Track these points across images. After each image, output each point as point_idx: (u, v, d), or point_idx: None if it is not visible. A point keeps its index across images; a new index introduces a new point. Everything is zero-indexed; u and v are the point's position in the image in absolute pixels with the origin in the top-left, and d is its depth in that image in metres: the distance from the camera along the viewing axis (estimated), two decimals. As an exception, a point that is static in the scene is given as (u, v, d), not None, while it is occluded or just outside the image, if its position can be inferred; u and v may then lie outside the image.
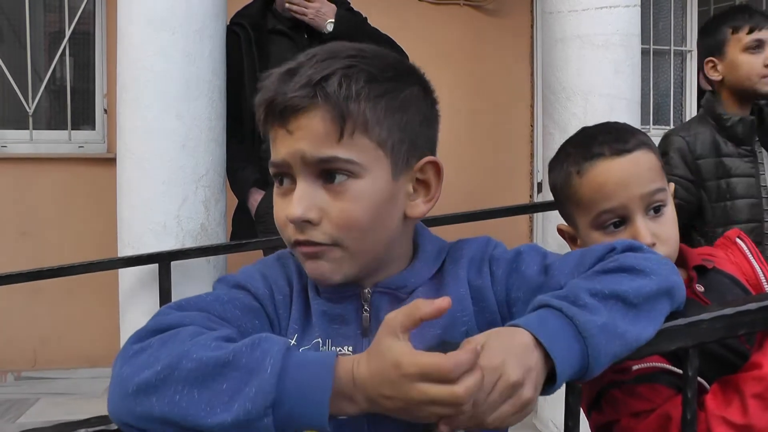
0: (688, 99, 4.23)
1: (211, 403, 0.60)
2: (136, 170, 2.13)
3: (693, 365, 0.78)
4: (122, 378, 0.64)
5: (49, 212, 3.47)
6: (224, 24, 2.27)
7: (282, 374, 0.60)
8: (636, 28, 2.47)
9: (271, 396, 0.59)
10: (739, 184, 1.82)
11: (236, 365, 0.61)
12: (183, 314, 0.71)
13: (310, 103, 0.71)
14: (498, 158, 3.84)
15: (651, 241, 0.95)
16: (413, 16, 3.73)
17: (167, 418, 0.61)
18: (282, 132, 0.73)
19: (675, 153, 1.85)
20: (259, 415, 0.59)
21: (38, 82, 3.54)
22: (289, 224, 0.74)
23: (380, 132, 0.73)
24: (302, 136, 0.72)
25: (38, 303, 3.42)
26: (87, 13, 3.58)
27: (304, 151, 0.72)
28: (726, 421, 0.81)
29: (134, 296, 2.17)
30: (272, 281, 0.81)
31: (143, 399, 0.62)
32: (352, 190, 0.73)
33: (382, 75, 0.74)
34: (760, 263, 1.02)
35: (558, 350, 0.64)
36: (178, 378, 0.61)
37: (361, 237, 0.74)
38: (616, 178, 0.97)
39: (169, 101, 2.10)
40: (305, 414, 0.60)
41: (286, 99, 0.71)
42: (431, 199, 0.80)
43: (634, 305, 0.71)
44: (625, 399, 0.88)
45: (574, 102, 2.40)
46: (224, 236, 2.27)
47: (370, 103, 0.72)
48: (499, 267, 0.81)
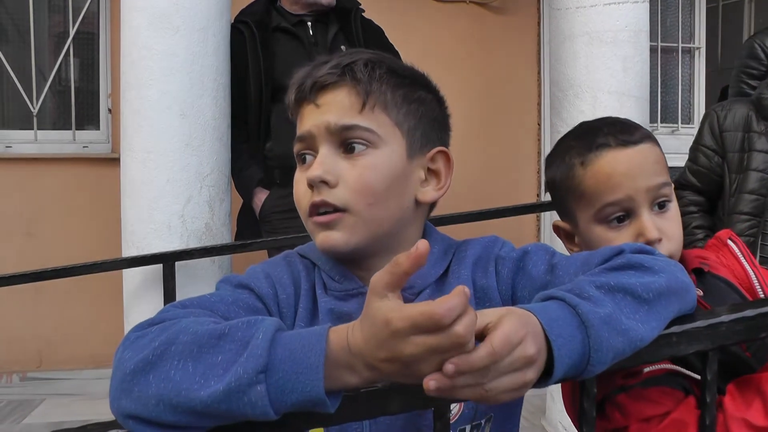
0: (696, 96, 4.19)
1: (206, 375, 0.59)
2: (140, 170, 2.11)
3: (712, 369, 0.75)
4: (122, 361, 0.63)
5: (54, 212, 3.47)
6: (228, 22, 2.25)
7: (274, 341, 0.59)
8: (645, 24, 2.44)
9: (263, 360, 0.58)
10: (757, 158, 1.95)
11: (232, 338, 0.61)
12: (186, 311, 0.70)
13: (339, 80, 0.80)
14: (505, 156, 3.82)
15: (657, 235, 0.92)
16: (420, 14, 3.71)
17: (162, 395, 0.59)
18: (310, 107, 0.81)
19: (705, 124, 2.06)
20: (250, 380, 0.57)
21: (42, 82, 3.53)
22: (307, 193, 0.79)
23: (398, 114, 0.81)
24: (329, 108, 0.80)
25: (43, 303, 3.41)
26: (91, 14, 3.58)
27: (329, 120, 0.79)
28: (747, 424, 0.78)
29: (139, 296, 2.16)
30: (276, 280, 0.81)
31: (140, 378, 0.61)
32: (370, 158, 0.79)
33: (401, 71, 0.84)
34: (753, 266, 0.99)
35: (557, 335, 0.61)
36: (174, 352, 0.61)
37: (374, 203, 0.78)
38: (623, 169, 0.94)
39: (173, 100, 2.09)
40: (299, 381, 0.58)
41: (316, 78, 0.80)
42: (442, 187, 0.85)
43: (643, 300, 0.69)
44: (633, 404, 0.84)
45: (582, 99, 2.38)
46: (229, 236, 2.25)
47: (390, 87, 0.81)
48: (505, 266, 0.81)
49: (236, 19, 2.37)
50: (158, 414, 0.60)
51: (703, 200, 2.11)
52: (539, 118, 3.89)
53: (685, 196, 2.14)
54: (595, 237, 0.96)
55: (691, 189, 2.13)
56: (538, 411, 2.75)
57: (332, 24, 2.39)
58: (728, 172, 2.01)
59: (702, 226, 2.07)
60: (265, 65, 2.30)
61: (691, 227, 2.08)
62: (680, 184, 2.16)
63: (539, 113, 3.89)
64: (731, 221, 1.97)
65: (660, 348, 0.71)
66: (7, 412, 3.04)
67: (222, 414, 0.59)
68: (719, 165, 2.04)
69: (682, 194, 2.14)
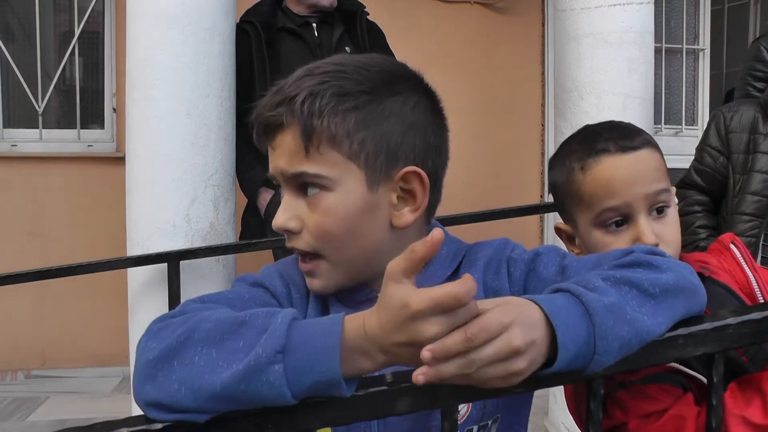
0: (701, 98, 4.19)
1: (227, 360, 0.60)
2: (145, 169, 2.12)
3: (718, 371, 0.75)
4: (145, 350, 0.64)
5: (58, 211, 3.48)
6: (234, 22, 2.26)
7: (292, 325, 0.61)
8: (650, 25, 2.44)
9: (281, 341, 0.59)
10: (761, 159, 1.96)
11: (252, 324, 0.62)
12: (205, 306, 0.72)
13: (283, 121, 0.75)
14: (509, 157, 3.82)
15: (654, 241, 0.93)
16: (424, 15, 3.71)
17: (185, 380, 0.61)
18: (269, 148, 0.79)
19: (711, 125, 2.09)
20: (269, 359, 0.59)
21: (48, 81, 3.54)
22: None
23: (351, 145, 0.75)
24: (281, 153, 0.77)
25: (47, 302, 3.42)
26: (96, 13, 3.59)
27: (282, 167, 0.77)
28: (746, 421, 0.79)
29: (143, 296, 2.16)
30: (290, 280, 0.83)
31: (165, 364, 0.62)
32: (325, 202, 0.76)
33: (357, 89, 0.76)
34: (753, 271, 0.99)
35: (560, 322, 0.61)
36: (197, 339, 0.62)
37: (338, 247, 0.77)
38: (622, 175, 0.94)
39: (179, 100, 2.09)
40: (316, 362, 0.59)
41: (264, 118, 0.77)
42: (417, 208, 0.79)
43: (650, 294, 0.69)
44: (633, 400, 0.86)
45: (587, 101, 2.38)
46: (233, 236, 2.26)
47: (337, 117, 0.74)
48: (517, 268, 0.80)
49: (242, 20, 2.38)
50: (179, 399, 0.61)
51: (707, 200, 2.12)
52: (543, 119, 3.89)
53: (690, 195, 2.15)
54: (594, 241, 0.98)
55: (695, 188, 2.14)
56: (540, 412, 2.75)
57: (337, 26, 2.39)
58: (732, 173, 2.03)
59: (705, 225, 2.08)
60: (270, 66, 2.30)
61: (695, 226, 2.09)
62: (685, 184, 2.17)
63: (543, 114, 3.89)
64: (733, 221, 1.98)
65: (666, 350, 0.71)
66: (11, 410, 3.05)
67: (241, 397, 0.60)
68: (724, 165, 2.06)
69: (687, 193, 2.16)
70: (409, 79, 0.81)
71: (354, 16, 2.41)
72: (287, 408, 0.61)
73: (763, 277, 0.98)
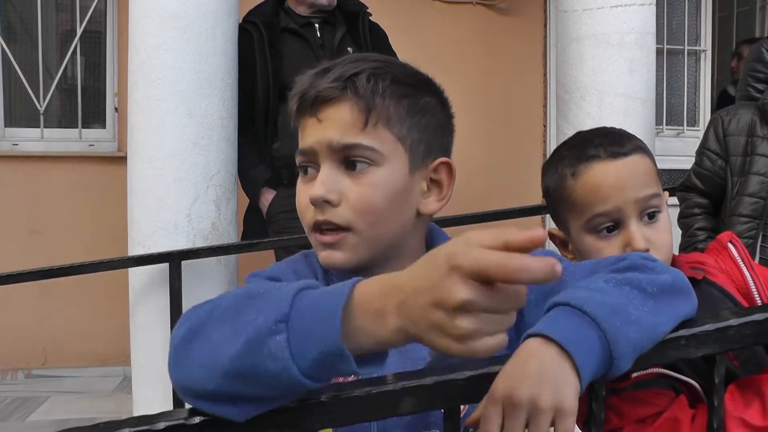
0: (702, 99, 4.19)
1: (239, 332, 0.57)
2: (147, 169, 2.12)
3: (720, 372, 0.75)
4: (174, 337, 0.64)
5: (60, 210, 3.48)
6: (236, 22, 2.26)
7: (300, 293, 0.57)
8: (651, 26, 2.45)
9: (285, 310, 0.55)
10: (759, 161, 1.98)
11: (265, 297, 0.59)
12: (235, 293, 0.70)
13: (341, 94, 0.78)
14: (510, 158, 3.82)
15: (645, 246, 0.93)
16: (426, 16, 3.71)
17: (202, 359, 0.59)
18: (312, 121, 0.79)
19: (710, 129, 2.11)
20: (270, 330, 0.55)
21: (49, 80, 3.55)
22: (309, 208, 0.79)
23: (401, 128, 0.80)
24: (330, 125, 0.78)
25: (49, 301, 3.42)
26: (98, 12, 3.59)
27: (332, 138, 0.78)
28: (745, 423, 0.79)
29: (145, 295, 2.16)
30: (302, 276, 0.82)
31: (187, 346, 0.61)
32: (372, 176, 0.78)
33: (405, 80, 0.82)
34: (751, 270, 1.00)
35: (570, 339, 0.62)
36: (215, 318, 0.61)
37: (375, 222, 0.78)
38: (612, 181, 0.95)
39: (181, 100, 2.09)
40: (318, 329, 0.54)
41: (318, 90, 0.78)
42: (443, 198, 0.84)
43: (649, 293, 0.70)
44: (627, 406, 0.86)
45: (588, 102, 2.38)
46: (235, 236, 2.26)
47: (393, 100, 0.79)
48: None
49: (244, 20, 2.38)
50: (200, 381, 0.59)
51: (706, 202, 2.14)
52: (545, 119, 3.89)
53: (690, 198, 2.17)
54: (586, 246, 0.98)
55: (695, 191, 2.16)
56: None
57: (339, 26, 2.40)
58: (731, 175, 2.04)
59: (704, 227, 2.10)
60: (272, 66, 2.30)
61: (694, 228, 2.11)
62: (686, 187, 2.19)
63: (545, 115, 3.89)
64: (731, 223, 2.00)
65: (668, 351, 0.71)
66: (12, 409, 3.05)
67: (250, 373, 0.56)
68: (722, 168, 2.07)
69: (687, 196, 2.18)
70: (435, 84, 0.87)
71: (356, 17, 2.41)
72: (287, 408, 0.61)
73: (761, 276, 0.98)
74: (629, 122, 2.34)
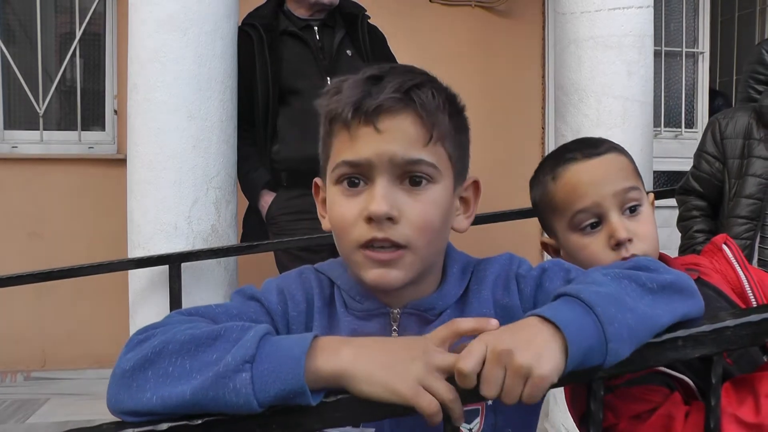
0: (700, 101, 4.20)
1: (200, 371, 0.62)
2: (146, 171, 2.12)
3: (717, 373, 0.76)
4: (123, 361, 0.66)
5: (59, 213, 3.48)
6: (236, 25, 2.26)
7: (265, 338, 0.63)
8: (649, 29, 2.45)
9: (251, 351, 0.61)
10: (756, 163, 1.99)
11: (227, 338, 0.64)
12: (188, 318, 0.73)
13: (404, 107, 0.75)
14: (509, 160, 3.82)
15: (627, 235, 0.97)
16: (424, 18, 3.72)
17: (157, 390, 0.62)
18: (368, 131, 0.75)
19: (708, 132, 2.13)
20: (237, 367, 0.60)
21: (49, 83, 3.55)
22: (359, 223, 0.75)
23: (451, 146, 0.79)
24: (393, 137, 0.74)
25: (48, 304, 3.42)
26: (97, 14, 3.60)
27: (395, 151, 0.74)
28: (737, 420, 0.80)
29: (144, 297, 2.16)
30: (289, 297, 0.82)
31: (139, 374, 0.64)
32: (431, 193, 0.77)
33: (452, 96, 0.81)
34: (745, 271, 1.02)
35: (562, 319, 0.64)
36: (172, 350, 0.64)
37: (431, 240, 0.77)
38: (588, 178, 1.01)
39: (181, 102, 2.10)
40: (281, 371, 0.60)
41: (379, 100, 0.74)
42: (471, 215, 0.86)
43: (648, 289, 0.71)
44: (622, 403, 0.87)
45: (586, 104, 2.39)
46: (235, 238, 2.26)
47: (448, 117, 0.78)
48: (528, 285, 0.82)
49: (244, 22, 2.38)
50: (152, 407, 0.62)
51: (705, 205, 2.15)
52: (543, 122, 3.89)
53: (689, 200, 2.18)
54: (572, 245, 1.02)
55: (694, 194, 2.17)
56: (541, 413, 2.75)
57: (339, 29, 2.40)
58: (728, 178, 2.06)
59: (703, 230, 2.11)
60: (272, 68, 2.31)
61: (693, 231, 2.13)
62: (684, 190, 2.20)
63: (543, 117, 3.89)
64: (729, 224, 2.01)
65: (665, 351, 0.72)
66: (11, 412, 3.05)
67: (208, 404, 0.61)
68: (720, 171, 2.09)
69: (686, 199, 2.19)
70: (462, 102, 0.86)
71: (355, 20, 2.42)
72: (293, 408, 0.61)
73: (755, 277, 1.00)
74: (627, 124, 2.35)
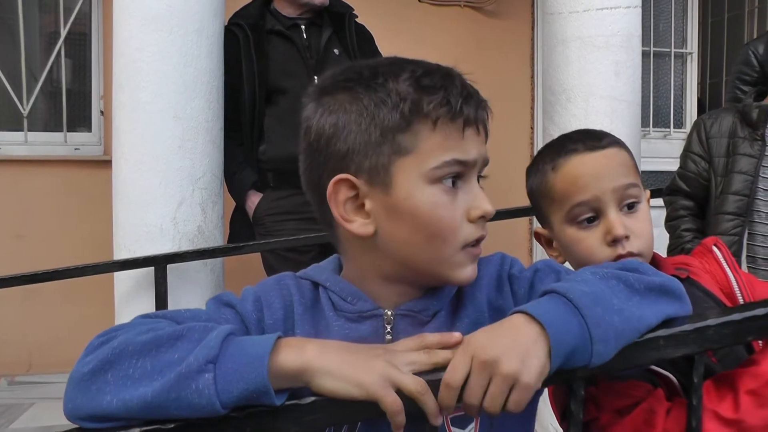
0: (689, 101, 4.22)
1: (162, 372, 0.61)
2: (132, 172, 2.10)
3: (699, 372, 0.76)
4: (81, 364, 0.65)
5: (45, 215, 3.45)
6: (222, 24, 2.25)
7: (228, 338, 0.63)
8: (637, 29, 2.45)
9: (214, 351, 0.61)
10: (741, 160, 2.01)
11: (189, 338, 0.64)
12: (153, 320, 0.72)
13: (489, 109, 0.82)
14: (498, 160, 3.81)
15: (624, 233, 0.96)
16: (413, 18, 3.72)
17: (117, 392, 0.61)
18: (472, 131, 0.78)
19: (693, 132, 2.16)
20: (200, 368, 0.60)
21: (33, 83, 3.52)
22: (464, 223, 0.77)
23: None
24: (483, 140, 0.80)
25: (33, 307, 3.39)
26: (83, 14, 3.57)
27: (485, 153, 0.80)
28: (717, 416, 0.80)
29: (130, 300, 2.14)
30: (265, 304, 0.81)
31: (99, 377, 0.63)
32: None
33: None
34: (734, 272, 1.03)
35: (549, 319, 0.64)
36: (132, 352, 0.63)
37: None
38: (589, 170, 0.99)
39: (166, 102, 2.08)
40: (244, 370, 0.61)
41: (483, 101, 0.81)
42: None
43: (635, 290, 0.72)
44: (605, 396, 0.87)
45: (574, 104, 2.39)
46: (221, 239, 2.24)
47: None
48: (521, 286, 0.82)
49: (230, 21, 2.37)
50: (112, 411, 0.61)
51: (692, 204, 2.16)
52: (533, 121, 3.90)
53: (676, 200, 2.19)
54: (568, 238, 1.02)
55: (681, 194, 2.18)
56: (529, 414, 2.75)
57: (326, 28, 2.39)
58: (714, 176, 2.08)
59: (690, 229, 2.13)
60: (258, 68, 2.30)
61: (681, 230, 2.15)
62: (671, 190, 2.22)
63: (533, 117, 3.90)
64: (717, 221, 2.02)
65: (647, 351, 0.71)
66: (-4, 416, 3.02)
67: (170, 405, 0.61)
68: (706, 170, 2.11)
69: (673, 199, 2.21)
70: None
71: (342, 18, 2.41)
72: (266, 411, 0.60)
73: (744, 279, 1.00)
74: (615, 124, 2.35)
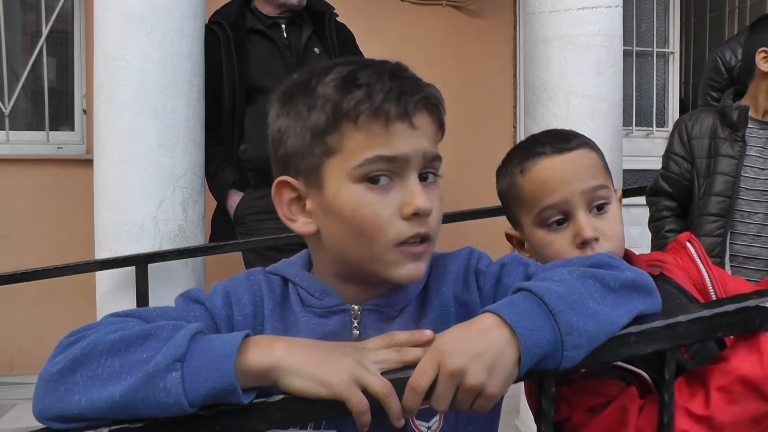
0: (671, 100, 4.25)
1: (130, 371, 0.61)
2: (113, 171, 2.09)
3: (670, 368, 0.76)
4: (50, 364, 0.64)
5: (27, 214, 3.41)
6: (203, 23, 2.24)
7: (196, 336, 0.63)
8: (618, 29, 2.47)
9: (181, 350, 0.61)
10: (722, 161, 2.02)
11: (158, 337, 0.64)
12: (123, 319, 0.71)
13: (431, 104, 0.77)
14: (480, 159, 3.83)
15: (593, 235, 0.96)
16: (395, 17, 3.72)
17: (86, 392, 0.61)
18: (404, 126, 0.73)
19: (674, 133, 2.16)
20: (167, 366, 0.60)
21: (15, 81, 3.48)
22: (396, 220, 0.74)
23: None
24: (423, 133, 0.75)
25: (14, 306, 3.36)
26: (65, 12, 3.54)
27: (426, 148, 0.76)
28: (688, 412, 0.81)
29: (111, 299, 2.13)
30: (234, 300, 0.80)
31: (68, 377, 0.62)
32: (438, 188, 0.79)
33: None
34: (707, 267, 1.04)
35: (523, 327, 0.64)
36: (101, 351, 0.63)
37: (438, 233, 0.78)
38: (557, 174, 0.99)
39: (147, 101, 2.07)
40: (212, 369, 0.60)
41: (424, 95, 0.75)
42: None
43: (611, 288, 0.72)
44: (577, 395, 0.87)
45: (555, 103, 2.40)
46: (202, 238, 2.24)
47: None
48: (486, 281, 0.82)
49: (210, 20, 2.36)
50: (81, 411, 0.61)
51: (675, 205, 2.18)
52: (515, 120, 3.92)
53: (659, 201, 2.21)
54: (537, 241, 1.01)
55: (664, 195, 2.20)
56: (512, 411, 2.76)
57: (306, 27, 2.39)
58: (697, 177, 2.09)
59: (674, 229, 2.14)
60: (239, 67, 2.29)
61: (664, 231, 2.16)
62: (654, 191, 2.23)
63: (515, 116, 3.91)
64: (700, 222, 2.04)
65: (618, 348, 0.72)
66: (-23, 418, 2.99)
67: (138, 405, 0.60)
68: (688, 171, 2.12)
69: (656, 200, 2.22)
70: None
71: (323, 17, 2.41)
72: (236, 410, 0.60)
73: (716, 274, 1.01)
74: (596, 123, 2.37)
